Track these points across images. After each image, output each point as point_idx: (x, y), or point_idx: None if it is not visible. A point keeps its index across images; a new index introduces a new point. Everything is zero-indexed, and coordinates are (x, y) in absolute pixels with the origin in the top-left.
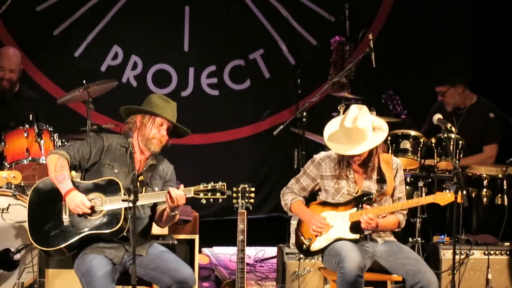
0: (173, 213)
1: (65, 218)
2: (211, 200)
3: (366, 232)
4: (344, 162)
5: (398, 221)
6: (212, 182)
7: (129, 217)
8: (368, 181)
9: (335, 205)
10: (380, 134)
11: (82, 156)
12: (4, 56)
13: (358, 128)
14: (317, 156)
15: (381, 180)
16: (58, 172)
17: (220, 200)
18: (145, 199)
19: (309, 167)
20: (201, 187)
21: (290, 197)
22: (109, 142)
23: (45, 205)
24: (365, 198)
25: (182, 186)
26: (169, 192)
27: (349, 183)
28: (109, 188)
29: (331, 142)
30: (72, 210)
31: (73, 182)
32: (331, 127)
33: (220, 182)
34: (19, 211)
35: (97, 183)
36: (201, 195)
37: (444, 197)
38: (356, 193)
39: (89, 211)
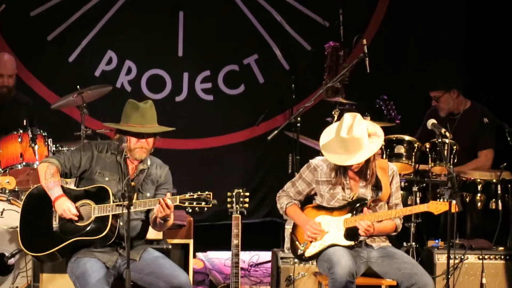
0: (162, 221)
1: (55, 224)
2: (196, 209)
3: (361, 238)
4: (340, 169)
5: (395, 225)
6: (198, 191)
7: (119, 223)
8: (363, 188)
9: (330, 210)
10: (376, 140)
11: (72, 164)
12: (0, 63)
13: (354, 137)
14: (313, 161)
15: (377, 186)
16: (47, 180)
17: (206, 208)
18: (134, 207)
19: (305, 172)
20: (187, 196)
21: (286, 201)
22: (99, 150)
23: (37, 212)
24: (359, 204)
25: (169, 194)
26: (159, 203)
27: (344, 189)
28: (99, 195)
29: (328, 152)
30: (60, 215)
31: (64, 189)
32: (326, 136)
33: (206, 191)
34: (14, 216)
35: (88, 190)
36: (187, 203)
37: (438, 206)
38: (351, 198)
39: (75, 217)
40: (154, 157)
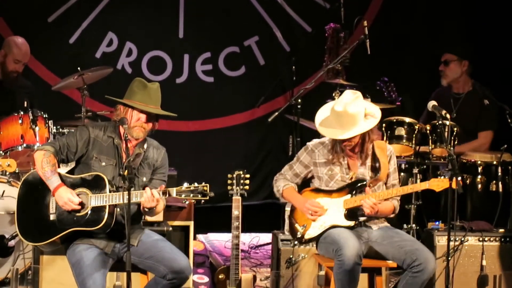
0: (147, 210)
1: (52, 213)
2: (193, 201)
3: (361, 219)
4: (337, 147)
5: (394, 206)
6: (195, 183)
7: (115, 210)
8: (362, 168)
9: (329, 192)
10: (371, 121)
11: (68, 150)
12: (19, 48)
13: (348, 112)
14: (310, 143)
15: (375, 166)
16: (44, 169)
17: (202, 201)
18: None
19: (302, 154)
20: (184, 188)
21: (282, 183)
22: (95, 133)
23: (34, 199)
24: (359, 185)
25: (163, 186)
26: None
27: (342, 169)
28: (95, 184)
29: (322, 126)
30: (61, 206)
31: (61, 177)
32: (323, 112)
33: (203, 183)
34: (14, 198)
35: (84, 178)
36: (183, 195)
37: (439, 183)
38: (350, 179)
39: (78, 207)
40: (151, 138)
